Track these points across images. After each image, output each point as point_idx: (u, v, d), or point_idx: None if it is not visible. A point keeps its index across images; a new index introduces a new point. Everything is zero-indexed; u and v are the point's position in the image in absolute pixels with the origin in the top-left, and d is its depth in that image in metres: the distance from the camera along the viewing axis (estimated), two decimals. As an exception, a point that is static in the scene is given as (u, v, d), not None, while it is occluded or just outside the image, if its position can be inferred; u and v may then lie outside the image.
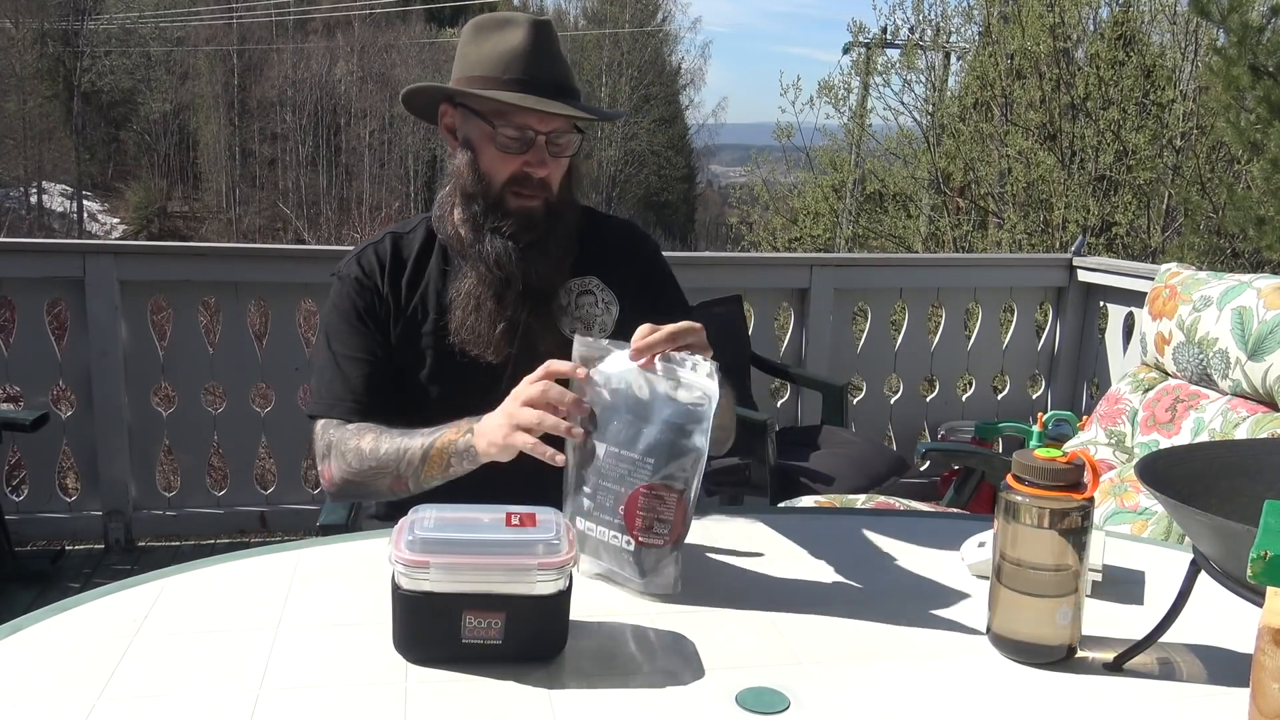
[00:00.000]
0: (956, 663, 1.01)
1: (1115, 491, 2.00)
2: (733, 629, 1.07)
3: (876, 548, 1.30)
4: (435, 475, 1.32)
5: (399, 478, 1.35)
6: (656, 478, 1.11)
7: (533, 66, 1.38)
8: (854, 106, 13.38)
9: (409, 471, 1.34)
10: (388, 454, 1.35)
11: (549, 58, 1.40)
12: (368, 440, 1.38)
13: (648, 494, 1.11)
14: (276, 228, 29.69)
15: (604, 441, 1.14)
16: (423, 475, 1.33)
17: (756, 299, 3.76)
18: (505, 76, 1.37)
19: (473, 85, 1.39)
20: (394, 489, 1.37)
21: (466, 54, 1.42)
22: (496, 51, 1.39)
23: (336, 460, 1.41)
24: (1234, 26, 5.22)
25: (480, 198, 1.42)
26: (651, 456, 1.11)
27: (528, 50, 1.38)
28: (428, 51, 34.35)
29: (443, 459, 1.30)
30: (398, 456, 1.34)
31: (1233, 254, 8.19)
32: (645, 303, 1.47)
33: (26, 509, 3.38)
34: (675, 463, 1.11)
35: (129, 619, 1.04)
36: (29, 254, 3.36)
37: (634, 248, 1.58)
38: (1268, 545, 0.75)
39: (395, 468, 1.34)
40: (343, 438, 1.40)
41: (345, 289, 1.49)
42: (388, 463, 1.35)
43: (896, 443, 3.98)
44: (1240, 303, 1.97)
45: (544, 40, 1.39)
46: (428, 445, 1.31)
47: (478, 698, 0.92)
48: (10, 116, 28.91)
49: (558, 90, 1.38)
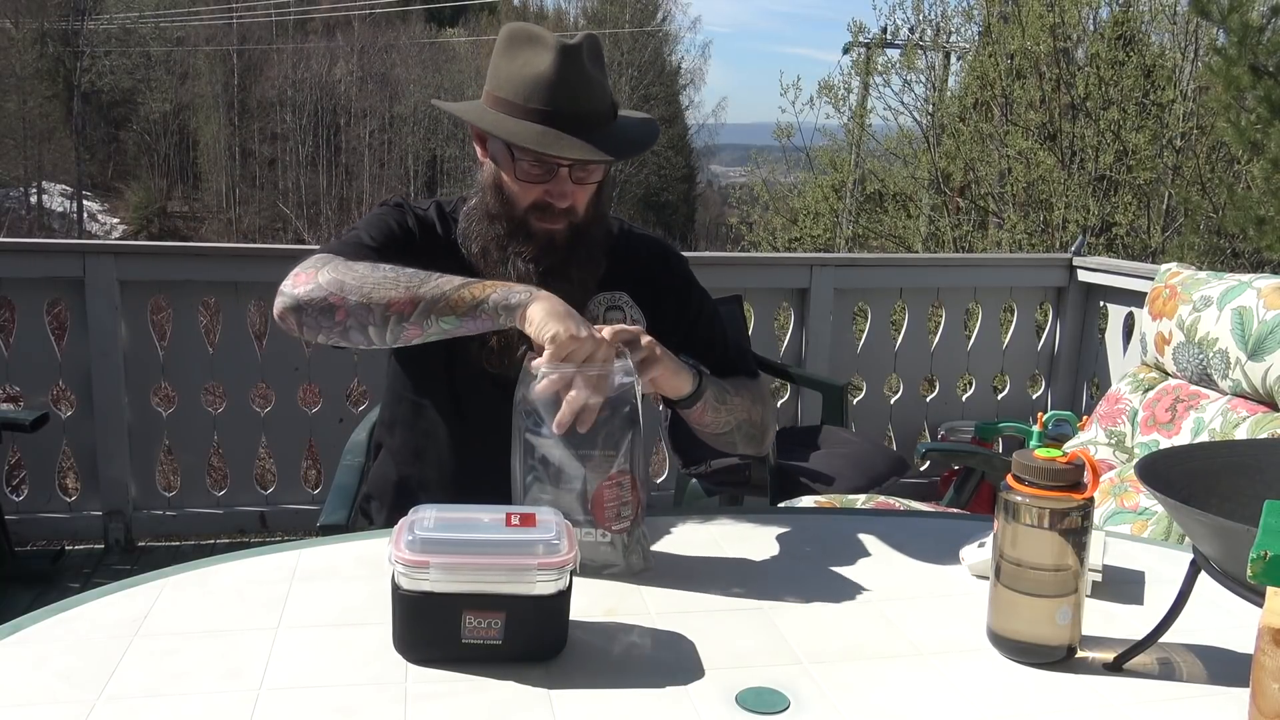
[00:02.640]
0: (956, 663, 1.01)
1: (1115, 491, 2.00)
2: (733, 629, 1.07)
3: (876, 548, 1.30)
4: (458, 309, 1.22)
5: (412, 296, 1.23)
6: (614, 468, 1.16)
7: (556, 97, 1.32)
8: (854, 106, 13.38)
9: (431, 293, 1.23)
10: (412, 274, 1.26)
11: (576, 87, 1.34)
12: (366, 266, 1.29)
13: (610, 485, 1.16)
14: (276, 228, 29.69)
15: (555, 448, 1.16)
16: (446, 301, 1.22)
17: (756, 299, 3.76)
18: (529, 105, 1.33)
19: (499, 107, 1.36)
20: (393, 309, 1.24)
21: (498, 67, 1.38)
22: (523, 75, 1.34)
23: (331, 269, 1.28)
24: (1234, 26, 5.22)
25: (504, 220, 1.40)
26: (609, 449, 1.16)
27: (552, 79, 1.32)
28: (428, 51, 34.38)
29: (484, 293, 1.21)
30: (425, 277, 1.25)
31: (1233, 254, 8.20)
32: (680, 333, 1.48)
33: (26, 509, 3.38)
34: (623, 448, 1.16)
35: (129, 619, 1.04)
36: (29, 254, 3.36)
37: (667, 267, 1.57)
38: (1268, 545, 0.76)
39: (416, 286, 1.24)
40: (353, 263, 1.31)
41: (392, 210, 1.47)
42: (404, 278, 1.25)
43: (896, 443, 3.98)
44: (1240, 303, 1.97)
45: (573, 66, 1.33)
46: (467, 280, 1.24)
47: (478, 698, 0.92)
48: (10, 116, 28.89)
49: (584, 121, 1.33)
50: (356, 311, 1.25)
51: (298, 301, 1.28)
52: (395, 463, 1.56)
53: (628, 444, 1.16)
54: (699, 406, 1.35)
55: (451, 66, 33.20)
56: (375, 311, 1.24)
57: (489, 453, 1.33)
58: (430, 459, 1.51)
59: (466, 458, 1.49)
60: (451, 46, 34.52)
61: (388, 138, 33.19)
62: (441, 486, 1.49)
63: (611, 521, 1.16)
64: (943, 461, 3.86)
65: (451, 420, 1.49)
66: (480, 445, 1.45)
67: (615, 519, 1.16)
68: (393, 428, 1.56)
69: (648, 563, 1.20)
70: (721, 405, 1.40)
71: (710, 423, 1.40)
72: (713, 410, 1.38)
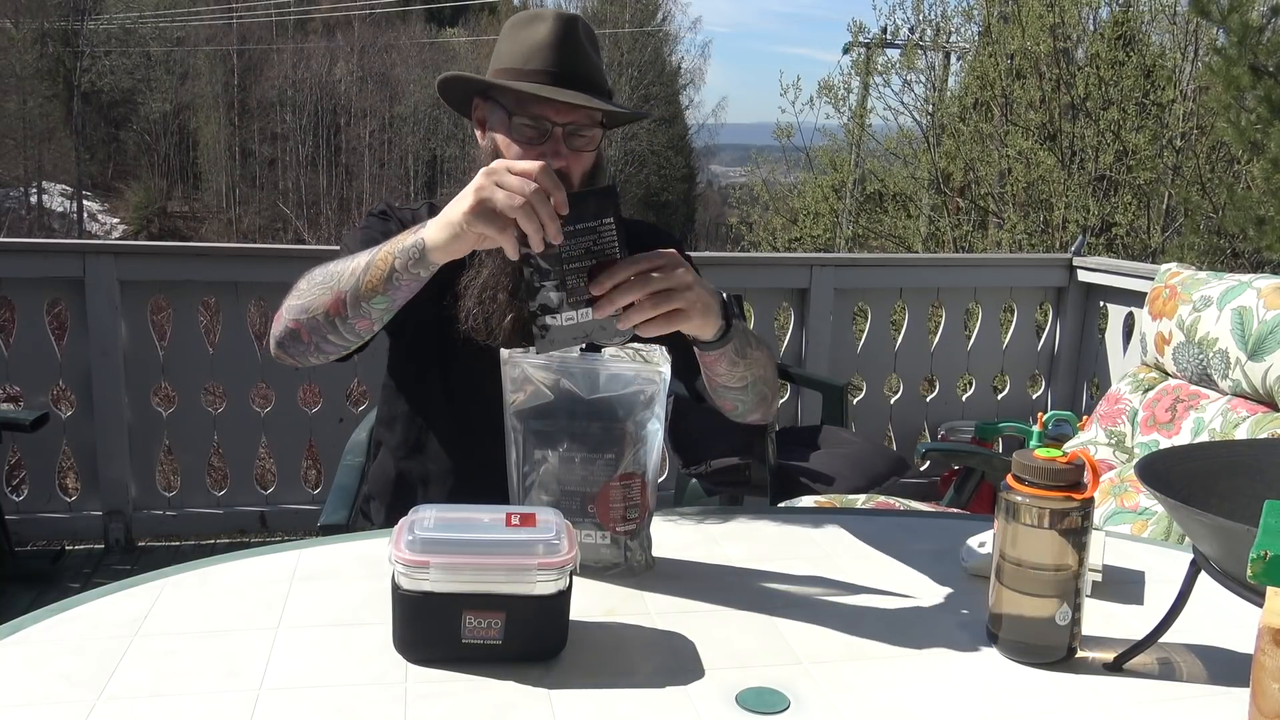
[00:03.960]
0: (956, 663, 1.01)
1: (1115, 491, 2.00)
2: (733, 629, 1.07)
3: (876, 548, 1.30)
4: (377, 287, 1.20)
5: (338, 297, 1.23)
6: (622, 469, 1.14)
7: (554, 58, 1.37)
8: (854, 106, 13.38)
9: (348, 285, 1.21)
10: (335, 269, 1.25)
11: (572, 50, 1.39)
12: (318, 267, 1.30)
13: (618, 486, 1.14)
14: (276, 228, 29.69)
15: (557, 447, 1.14)
16: (362, 290, 1.20)
17: (756, 299, 3.76)
18: (528, 68, 1.37)
19: (498, 77, 1.39)
20: (331, 312, 1.24)
21: (500, 49, 1.43)
22: (523, 45, 1.39)
23: (292, 295, 1.30)
24: (1234, 26, 5.22)
25: None
26: (611, 451, 1.13)
27: (551, 42, 1.37)
28: (428, 51, 34.35)
29: (386, 264, 1.18)
30: (343, 269, 1.23)
31: (1233, 254, 8.20)
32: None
33: (26, 509, 3.38)
34: (634, 450, 1.14)
35: (129, 619, 1.04)
36: (29, 254, 3.36)
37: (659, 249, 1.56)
38: (1268, 545, 0.76)
39: (336, 283, 1.23)
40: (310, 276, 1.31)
41: (378, 220, 1.48)
42: (331, 277, 1.25)
43: (896, 443, 3.98)
44: (1240, 303, 1.97)
45: (568, 33, 1.39)
46: (374, 253, 1.20)
47: (478, 698, 0.92)
48: (10, 116, 28.89)
49: (579, 82, 1.37)
50: (312, 327, 1.27)
51: (277, 340, 1.33)
52: (394, 459, 1.56)
53: (645, 447, 1.14)
54: (719, 353, 1.23)
55: (451, 66, 33.10)
56: (321, 321, 1.26)
57: (487, 442, 1.33)
58: (429, 451, 1.51)
59: (466, 448, 1.49)
60: (451, 46, 34.51)
61: (388, 138, 33.19)
62: (440, 479, 1.49)
63: (616, 523, 1.16)
64: (943, 461, 3.86)
65: (448, 409, 1.49)
66: (477, 435, 1.44)
67: (621, 520, 1.16)
68: (391, 424, 1.56)
69: (650, 565, 1.20)
70: (741, 359, 1.28)
71: (725, 376, 1.29)
72: (730, 362, 1.26)
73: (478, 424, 1.43)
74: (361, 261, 1.22)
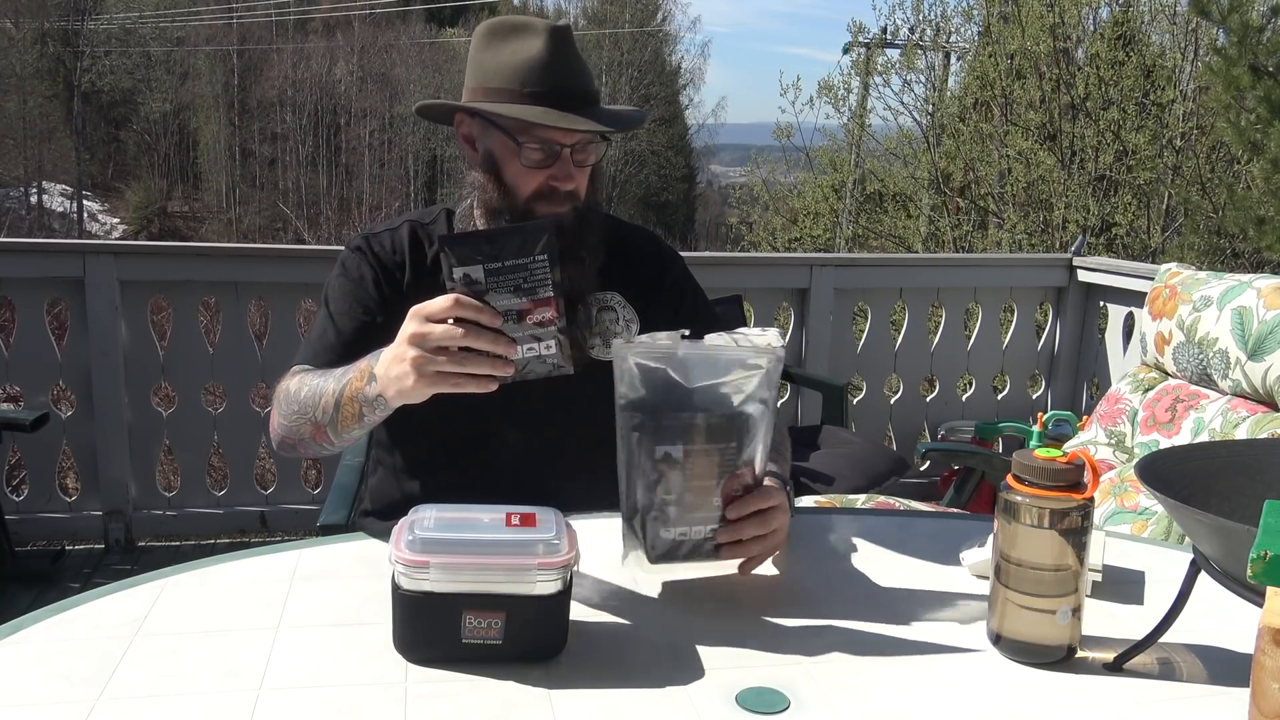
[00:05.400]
0: (956, 663, 1.01)
1: (1115, 491, 2.00)
2: (733, 629, 1.07)
3: (876, 548, 1.30)
4: (352, 426, 1.24)
5: (318, 427, 1.28)
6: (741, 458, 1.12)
7: (553, 77, 1.32)
8: (854, 106, 13.39)
9: (325, 420, 1.26)
10: (306, 398, 1.29)
11: (569, 67, 1.34)
12: (294, 381, 1.32)
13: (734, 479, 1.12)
14: (276, 228, 29.67)
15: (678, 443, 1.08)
16: (340, 426, 1.25)
17: (756, 299, 3.76)
18: (525, 89, 1.32)
19: (491, 98, 1.34)
20: (318, 439, 1.29)
21: (482, 61, 1.36)
22: (514, 62, 1.33)
23: (277, 410, 1.35)
24: (1234, 26, 5.22)
25: (507, 211, 1.38)
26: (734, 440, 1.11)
27: (547, 61, 1.32)
28: (428, 51, 34.36)
29: (354, 409, 1.22)
30: (314, 401, 1.27)
31: (1233, 254, 8.20)
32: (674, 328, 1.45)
33: (26, 509, 3.38)
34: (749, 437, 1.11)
35: (129, 619, 1.04)
36: (29, 254, 3.36)
37: (661, 266, 1.54)
38: (1268, 545, 0.76)
39: (313, 414, 1.27)
40: (286, 382, 1.35)
41: (355, 260, 1.45)
42: (306, 407, 1.28)
43: (896, 443, 3.98)
44: (1240, 303, 1.97)
45: (563, 48, 1.33)
46: (339, 393, 1.23)
47: (478, 698, 0.92)
48: (10, 116, 28.89)
49: (580, 100, 1.33)
50: (302, 444, 1.34)
51: (276, 444, 1.40)
52: (398, 481, 1.50)
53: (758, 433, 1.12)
54: None
55: (451, 66, 33.12)
56: (309, 441, 1.32)
57: (492, 458, 1.32)
58: (434, 470, 1.47)
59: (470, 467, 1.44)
60: (451, 46, 34.46)
61: (388, 138, 33.18)
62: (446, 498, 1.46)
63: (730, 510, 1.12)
64: (943, 461, 3.86)
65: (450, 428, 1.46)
66: (481, 454, 1.43)
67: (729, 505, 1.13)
68: (391, 448, 1.51)
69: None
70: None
71: None
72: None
73: (481, 442, 1.42)
74: (330, 399, 1.25)
